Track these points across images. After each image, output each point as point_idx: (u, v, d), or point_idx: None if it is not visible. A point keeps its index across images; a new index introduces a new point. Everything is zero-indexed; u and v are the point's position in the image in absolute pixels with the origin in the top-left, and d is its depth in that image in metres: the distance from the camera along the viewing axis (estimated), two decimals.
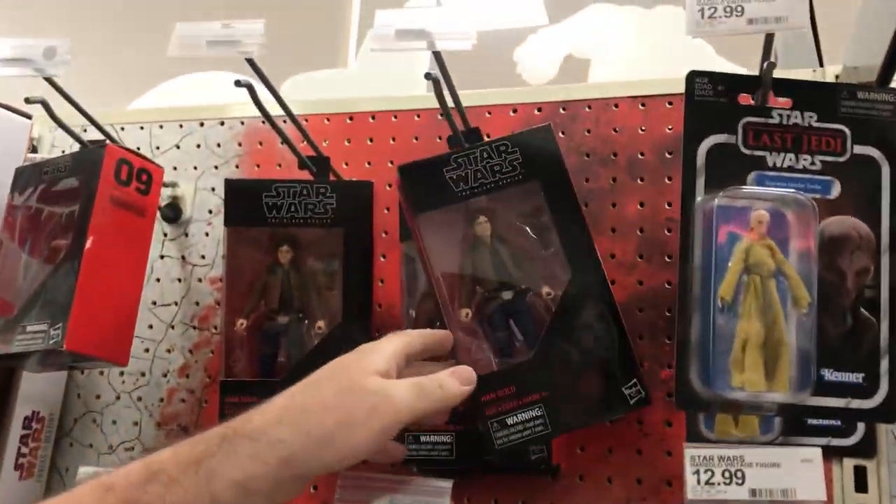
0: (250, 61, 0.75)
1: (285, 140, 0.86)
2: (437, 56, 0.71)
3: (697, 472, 0.55)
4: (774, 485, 0.55)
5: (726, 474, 0.55)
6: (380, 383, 0.63)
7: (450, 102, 0.79)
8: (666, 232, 0.89)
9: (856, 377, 0.64)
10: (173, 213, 1.04)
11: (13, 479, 0.96)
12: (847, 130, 0.66)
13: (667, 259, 0.88)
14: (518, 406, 0.71)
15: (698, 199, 0.65)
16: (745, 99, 0.68)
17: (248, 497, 0.57)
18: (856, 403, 0.64)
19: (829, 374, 0.64)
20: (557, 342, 0.72)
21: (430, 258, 0.76)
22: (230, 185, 0.86)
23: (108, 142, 0.86)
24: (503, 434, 0.71)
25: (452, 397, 0.66)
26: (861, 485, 0.78)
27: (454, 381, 0.67)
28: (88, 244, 0.79)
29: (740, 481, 0.55)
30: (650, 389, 0.85)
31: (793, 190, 0.64)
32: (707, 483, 0.55)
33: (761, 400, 0.62)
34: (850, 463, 0.79)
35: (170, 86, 1.85)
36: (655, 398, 0.85)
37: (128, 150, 0.86)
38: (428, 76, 0.70)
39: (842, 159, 0.66)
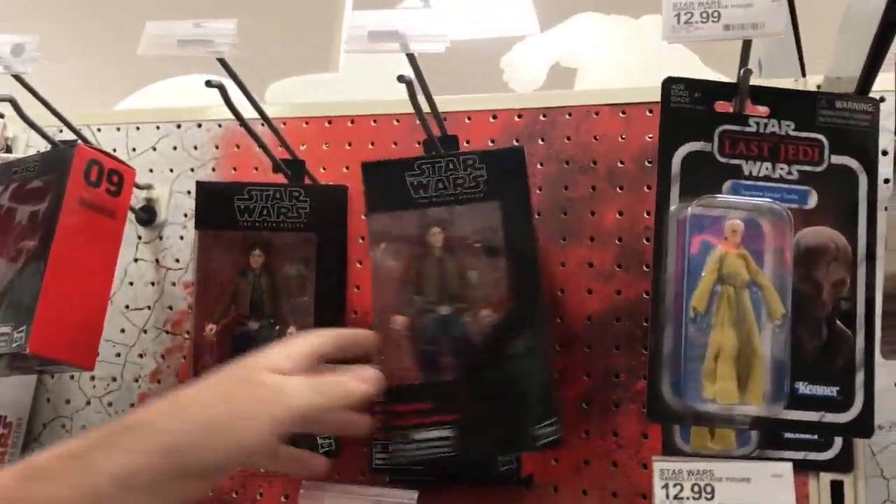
0: (222, 61, 0.73)
1: (258, 142, 0.85)
2: (411, 59, 0.70)
3: (666, 486, 0.54)
4: (744, 500, 0.54)
5: (695, 488, 0.54)
6: (274, 378, 0.61)
7: (427, 108, 0.78)
8: (645, 241, 0.88)
9: (830, 391, 0.63)
10: (148, 215, 1.03)
11: None
12: (825, 140, 0.65)
13: (645, 268, 0.87)
14: (431, 423, 0.70)
15: (672, 207, 0.64)
16: (723, 107, 0.67)
17: (131, 492, 0.54)
18: (830, 417, 0.63)
19: (804, 388, 0.63)
20: (482, 368, 0.71)
21: (374, 258, 0.75)
22: (202, 187, 0.85)
23: (78, 142, 0.84)
24: (406, 448, 0.70)
25: (349, 394, 0.64)
26: (837, 499, 0.77)
27: (355, 381, 0.65)
28: (55, 245, 0.78)
29: (710, 496, 0.54)
30: (625, 402, 0.84)
31: (768, 199, 0.63)
32: (676, 497, 0.54)
33: (734, 412, 0.61)
34: (826, 477, 0.78)
35: (154, 89, 1.84)
36: (631, 410, 0.84)
37: (99, 150, 0.85)
38: (401, 79, 0.69)
39: (819, 169, 0.65)
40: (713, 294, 0.62)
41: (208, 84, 0.73)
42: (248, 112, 0.86)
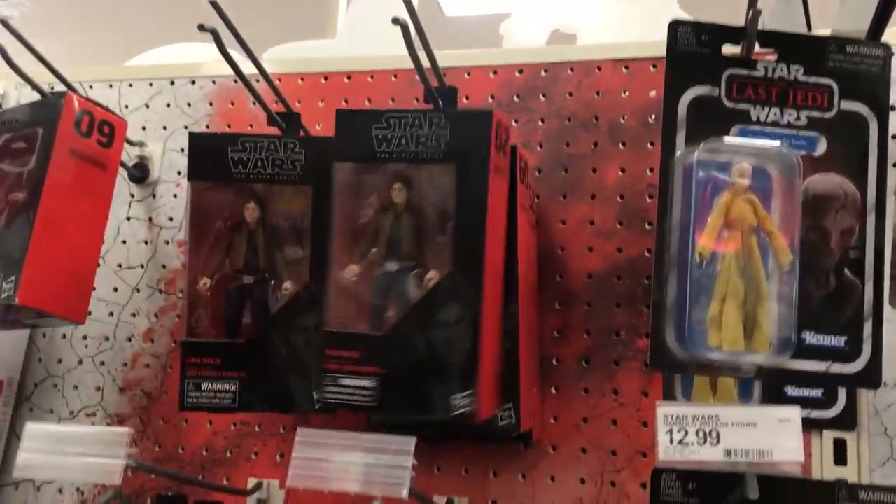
0: (215, 5, 0.71)
1: (252, 92, 0.83)
2: (407, 3, 0.68)
3: (670, 432, 0.52)
4: (750, 445, 0.53)
5: (700, 434, 0.53)
6: None
7: (426, 63, 0.76)
8: (647, 198, 0.87)
9: (838, 341, 0.62)
10: (141, 173, 1.01)
11: None
12: (835, 85, 0.64)
13: (647, 226, 0.86)
14: (354, 371, 0.70)
15: (678, 152, 0.62)
16: (730, 50, 0.65)
17: None
18: (837, 368, 0.61)
19: (811, 337, 0.61)
20: (413, 328, 0.69)
21: (334, 207, 0.74)
22: (194, 138, 0.83)
23: (68, 91, 0.82)
24: (333, 390, 0.70)
25: None
26: (840, 457, 0.76)
27: None
28: (45, 195, 0.76)
29: (715, 441, 0.52)
30: (626, 360, 0.83)
31: (777, 143, 0.62)
32: (680, 443, 0.52)
33: (739, 361, 0.59)
34: (829, 435, 0.77)
35: (144, 59, 1.81)
36: (631, 368, 0.83)
37: (89, 100, 0.82)
38: (395, 21, 0.66)
39: (828, 115, 0.64)
40: (720, 239, 0.60)
41: (201, 28, 0.71)
42: (243, 70, 0.84)
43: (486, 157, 0.70)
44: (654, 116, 0.88)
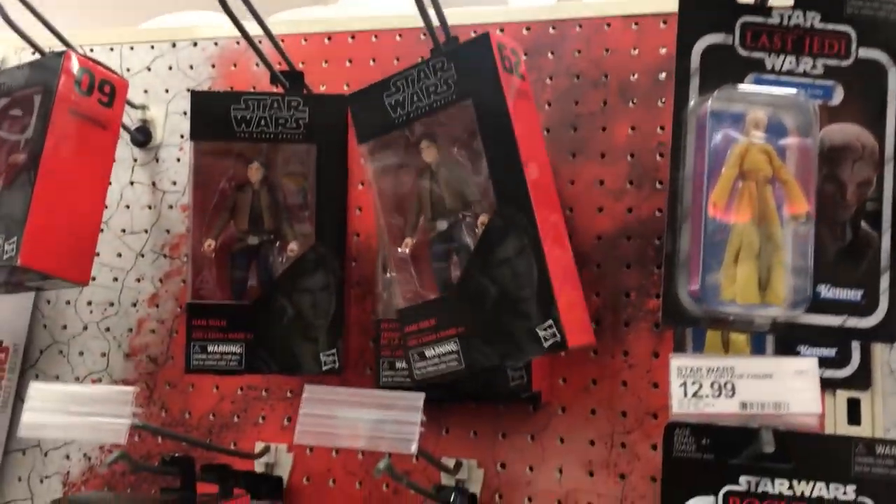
0: None
1: (256, 50, 0.81)
2: None
3: (684, 384, 0.51)
4: (766, 397, 0.51)
5: (715, 386, 0.51)
6: None
7: (436, 21, 0.74)
8: (658, 157, 0.85)
9: (854, 294, 0.60)
10: (143, 137, 1.00)
11: None
12: (852, 32, 0.62)
13: (658, 185, 0.84)
14: (436, 339, 0.69)
15: (691, 102, 0.61)
16: None
17: None
18: (853, 322, 0.60)
19: (826, 291, 0.60)
20: (477, 276, 0.68)
21: (374, 186, 0.74)
22: (196, 97, 0.81)
23: (67, 49, 0.81)
24: (422, 365, 0.69)
25: None
26: (854, 417, 0.75)
27: None
28: (45, 154, 0.75)
29: (730, 393, 0.51)
30: (636, 321, 0.82)
31: (793, 91, 0.60)
32: (695, 395, 0.51)
33: (753, 314, 0.58)
34: (843, 395, 0.76)
35: (157, 22, 1.79)
36: (642, 328, 0.82)
37: (90, 58, 0.81)
38: None
39: (846, 63, 0.62)
40: (734, 191, 0.59)
41: None
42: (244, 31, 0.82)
43: (497, 83, 0.68)
44: (664, 74, 0.86)
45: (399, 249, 0.75)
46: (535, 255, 0.66)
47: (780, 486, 0.58)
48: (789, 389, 0.51)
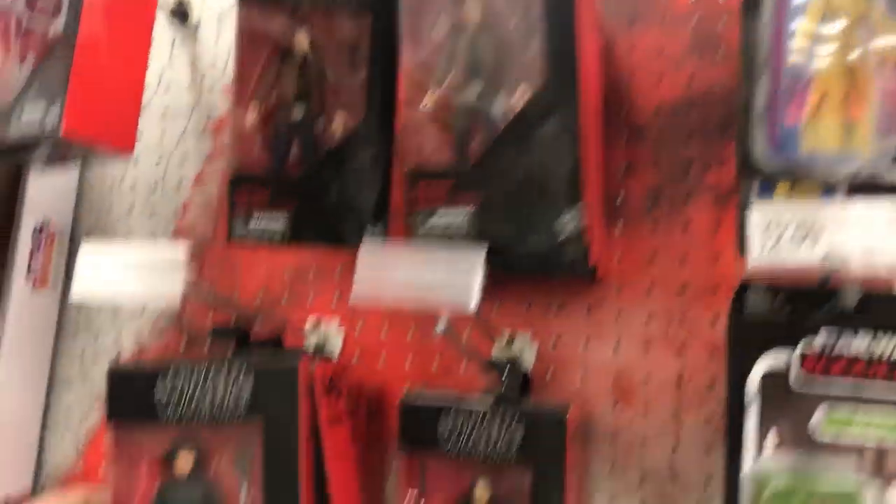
0: None
1: None
2: None
3: (765, 232, 0.48)
4: (853, 246, 0.48)
5: (798, 234, 0.48)
6: None
7: None
8: (722, 24, 0.80)
9: None
10: (182, 14, 0.96)
11: (26, 288, 0.92)
12: None
13: (721, 53, 0.80)
14: (448, 204, 0.66)
15: None
16: None
17: None
18: None
19: None
20: (506, 151, 0.65)
21: (403, 36, 0.70)
22: None
23: None
24: (428, 224, 0.67)
25: None
26: None
27: None
28: (83, 20, 0.72)
29: (814, 242, 0.48)
30: (697, 193, 0.79)
31: None
32: (775, 245, 0.48)
33: (836, 167, 0.54)
34: None
35: None
36: (703, 201, 0.79)
37: None
38: None
39: None
40: (817, 35, 0.55)
41: None
42: None
43: None
44: None
45: (423, 103, 0.71)
46: (572, 142, 0.63)
47: (859, 346, 0.55)
48: (878, 237, 0.48)
